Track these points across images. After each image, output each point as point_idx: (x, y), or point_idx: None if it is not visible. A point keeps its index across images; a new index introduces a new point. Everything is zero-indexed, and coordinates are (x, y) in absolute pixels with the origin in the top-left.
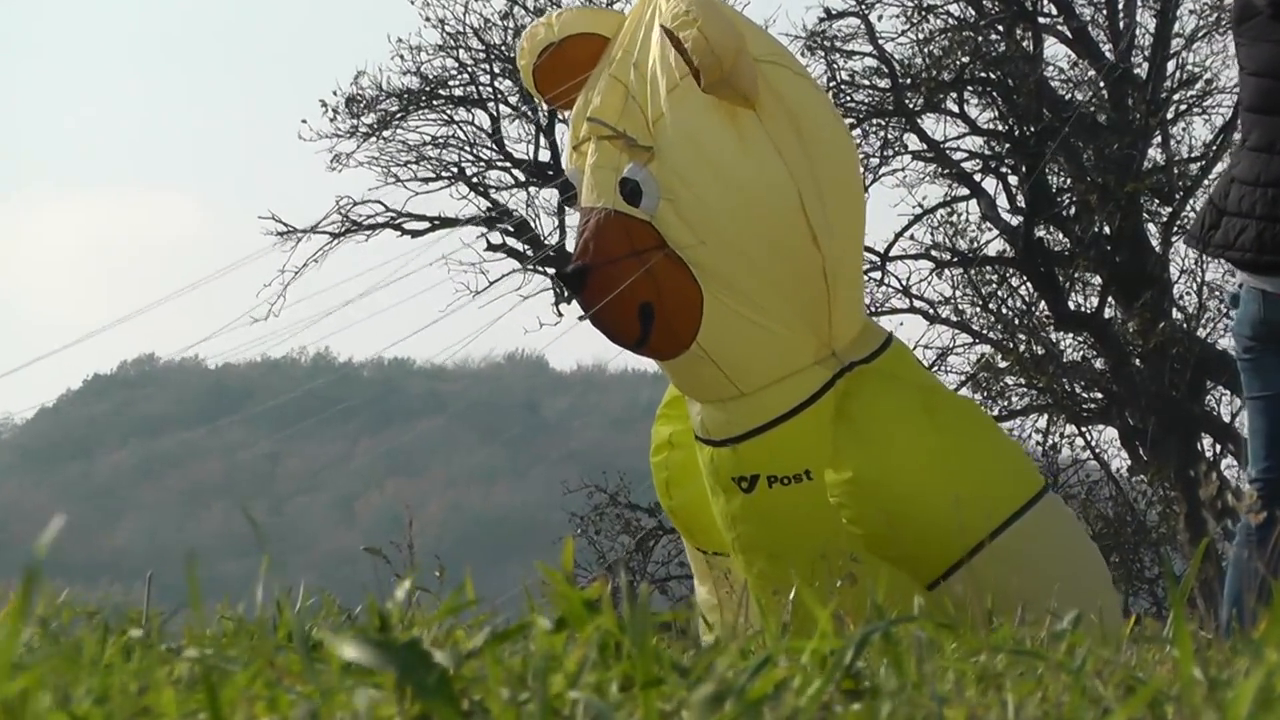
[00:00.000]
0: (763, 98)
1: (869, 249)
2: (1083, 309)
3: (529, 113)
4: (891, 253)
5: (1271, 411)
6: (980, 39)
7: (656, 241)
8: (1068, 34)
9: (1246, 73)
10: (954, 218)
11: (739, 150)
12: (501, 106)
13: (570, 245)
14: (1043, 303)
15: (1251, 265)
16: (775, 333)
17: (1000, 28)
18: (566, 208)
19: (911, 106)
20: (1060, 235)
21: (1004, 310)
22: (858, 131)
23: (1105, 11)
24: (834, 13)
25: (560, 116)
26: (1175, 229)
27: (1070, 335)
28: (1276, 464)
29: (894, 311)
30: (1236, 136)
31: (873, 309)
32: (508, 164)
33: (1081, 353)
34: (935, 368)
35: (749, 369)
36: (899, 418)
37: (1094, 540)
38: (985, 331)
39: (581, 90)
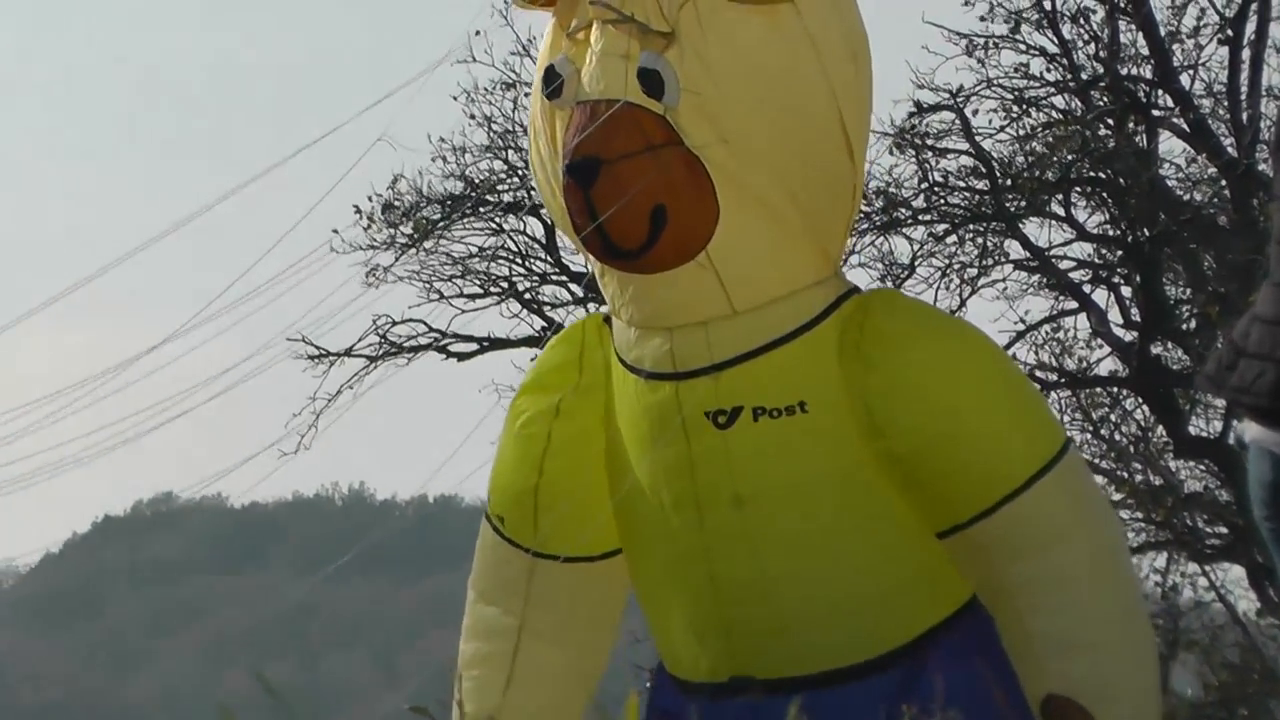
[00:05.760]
0: None
1: None
2: (1205, 434)
3: None
4: None
5: None
6: (1088, 134)
7: (671, 137)
8: (1185, 127)
9: None
10: (1060, 334)
11: (773, 42)
12: None
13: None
14: (1160, 427)
15: (1265, 413)
16: (787, 246)
17: (1110, 121)
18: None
19: (1013, 210)
20: (1179, 352)
21: (1117, 436)
22: (953, 238)
23: (1227, 102)
24: (926, 106)
25: None
26: None
27: (1191, 463)
28: None
29: None
30: None
31: None
32: (564, 278)
33: (1204, 483)
34: None
35: (752, 284)
36: (950, 327)
37: (1219, 690)
38: (1097, 460)
39: None
